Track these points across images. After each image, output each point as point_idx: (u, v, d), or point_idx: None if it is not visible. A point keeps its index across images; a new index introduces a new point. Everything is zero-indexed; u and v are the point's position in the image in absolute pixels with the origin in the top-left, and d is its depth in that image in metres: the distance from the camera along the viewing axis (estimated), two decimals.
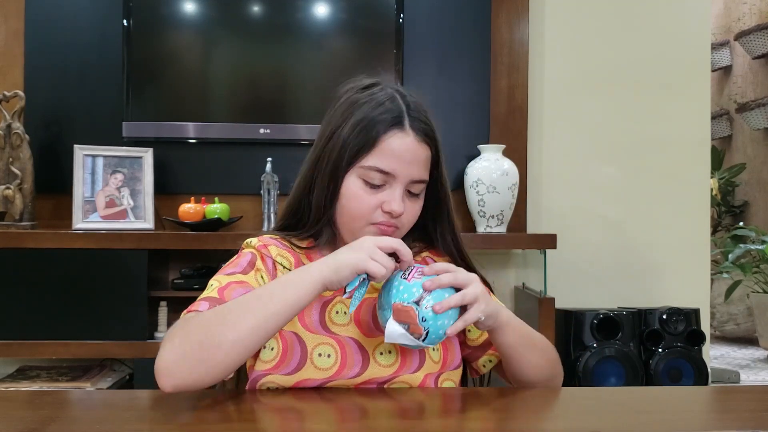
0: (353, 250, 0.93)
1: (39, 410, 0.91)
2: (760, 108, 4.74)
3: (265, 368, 1.01)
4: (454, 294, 0.94)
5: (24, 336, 2.10)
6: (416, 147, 1.03)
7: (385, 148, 1.01)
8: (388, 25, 2.44)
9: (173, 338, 0.89)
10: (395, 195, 1.02)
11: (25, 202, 2.25)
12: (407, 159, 1.02)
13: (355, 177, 1.02)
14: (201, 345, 0.87)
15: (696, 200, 2.63)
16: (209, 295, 0.98)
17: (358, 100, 1.05)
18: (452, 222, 1.11)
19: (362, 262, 0.91)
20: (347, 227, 1.06)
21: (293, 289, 0.91)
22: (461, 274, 0.96)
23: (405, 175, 1.02)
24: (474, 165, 2.38)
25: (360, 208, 1.03)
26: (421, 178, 1.05)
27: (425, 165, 1.05)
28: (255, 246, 1.07)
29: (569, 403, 1.01)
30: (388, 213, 1.02)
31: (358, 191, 1.02)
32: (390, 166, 1.01)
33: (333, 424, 0.88)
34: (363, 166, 1.02)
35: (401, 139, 1.02)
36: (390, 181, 1.02)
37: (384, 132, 1.01)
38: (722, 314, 4.85)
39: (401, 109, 1.03)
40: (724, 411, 0.99)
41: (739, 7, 5.17)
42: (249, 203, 2.46)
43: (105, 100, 2.42)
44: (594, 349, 2.25)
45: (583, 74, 2.62)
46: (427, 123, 1.04)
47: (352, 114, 1.03)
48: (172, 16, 2.44)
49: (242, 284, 1.00)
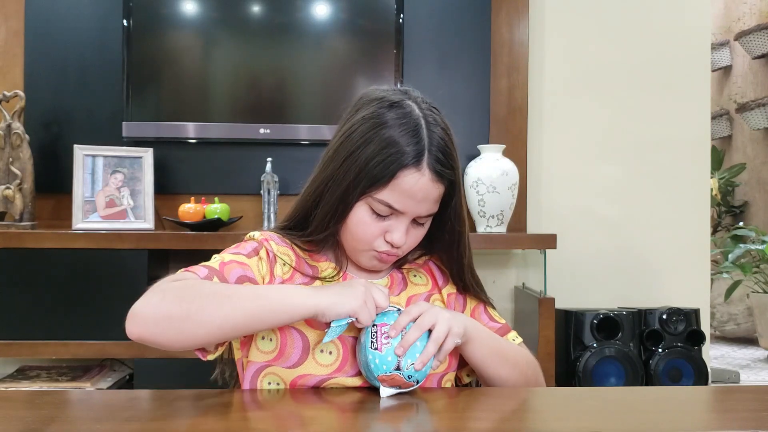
0: (352, 296, 0.95)
1: (39, 410, 0.91)
2: (760, 108, 4.74)
3: (265, 359, 1.02)
4: (426, 342, 0.98)
5: (24, 336, 2.10)
6: (429, 186, 1.00)
7: (397, 186, 0.99)
8: (388, 25, 2.44)
9: (164, 292, 0.90)
10: (400, 227, 1.02)
11: (25, 202, 2.25)
12: (419, 198, 1.00)
13: (364, 204, 1.02)
14: (187, 315, 0.88)
15: (696, 200, 2.63)
16: (210, 265, 1.00)
17: (383, 123, 0.99)
18: (467, 255, 1.11)
19: (359, 310, 0.94)
20: (349, 245, 1.07)
21: (290, 306, 0.93)
22: (424, 319, 0.99)
23: (413, 212, 1.02)
24: (474, 165, 2.38)
25: (364, 234, 1.03)
26: (429, 213, 1.04)
27: (436, 200, 1.04)
28: (258, 239, 1.08)
29: (569, 403, 1.01)
30: (389, 243, 1.04)
31: (365, 218, 1.02)
32: (400, 205, 1.01)
33: (332, 424, 0.88)
34: (374, 197, 1.00)
35: (416, 179, 0.99)
36: (397, 214, 1.02)
37: (400, 169, 0.98)
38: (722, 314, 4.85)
39: (422, 146, 0.99)
40: (724, 411, 0.99)
41: (739, 7, 5.17)
42: (249, 203, 2.46)
43: (105, 100, 2.42)
44: (594, 349, 2.25)
45: (583, 74, 2.62)
46: (446, 160, 1.01)
47: (374, 139, 0.99)
48: (172, 16, 2.44)
49: (243, 266, 1.02)
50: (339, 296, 0.94)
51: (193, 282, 0.94)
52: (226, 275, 0.99)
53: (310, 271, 1.08)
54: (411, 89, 1.06)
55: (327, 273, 1.08)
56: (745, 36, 4.90)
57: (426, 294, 1.12)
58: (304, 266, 1.08)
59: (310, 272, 1.08)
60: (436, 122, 1.02)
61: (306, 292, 0.95)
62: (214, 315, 0.89)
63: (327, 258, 1.11)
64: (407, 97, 1.03)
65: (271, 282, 1.04)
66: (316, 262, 1.10)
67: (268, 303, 0.92)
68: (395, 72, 2.42)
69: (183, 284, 0.92)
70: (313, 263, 1.09)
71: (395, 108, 1.01)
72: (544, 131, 2.61)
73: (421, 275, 1.15)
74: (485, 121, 2.55)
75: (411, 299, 1.11)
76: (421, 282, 1.14)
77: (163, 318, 0.88)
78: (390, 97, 1.03)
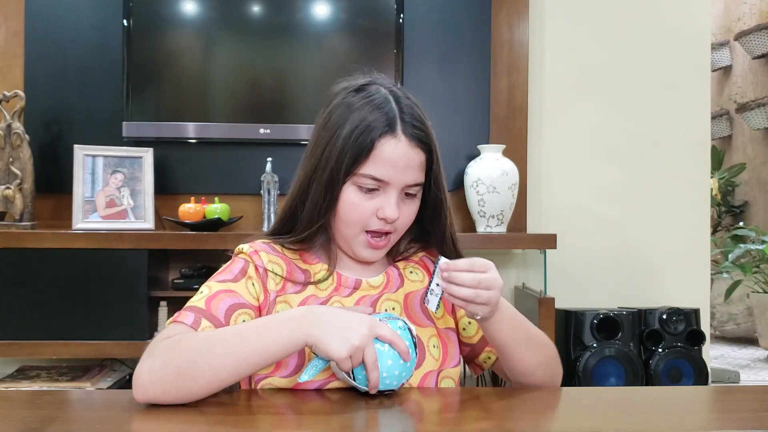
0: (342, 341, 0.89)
1: (39, 410, 0.91)
2: (760, 108, 4.74)
3: (263, 372, 1.02)
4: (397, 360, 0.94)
5: (24, 336, 2.10)
6: (409, 152, 1.02)
7: (378, 156, 1.01)
8: (388, 25, 2.44)
9: (155, 358, 0.90)
10: (390, 201, 1.02)
11: (25, 202, 2.25)
12: (401, 165, 1.02)
13: (351, 185, 1.02)
14: (179, 375, 0.88)
15: (696, 200, 2.63)
16: (196, 305, 0.99)
17: (352, 104, 1.03)
18: (449, 223, 1.10)
19: (340, 361, 0.89)
20: (341, 233, 1.06)
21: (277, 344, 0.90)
22: (484, 280, 0.98)
23: (399, 181, 1.02)
24: (474, 165, 2.38)
25: (355, 215, 1.03)
26: (416, 182, 1.05)
27: (419, 168, 1.04)
28: (247, 252, 1.06)
29: (569, 403, 1.01)
30: (383, 219, 1.03)
31: (354, 198, 1.03)
32: (384, 174, 1.01)
33: (331, 424, 0.88)
34: (358, 174, 1.01)
35: (394, 145, 1.01)
36: (384, 186, 1.02)
37: (377, 139, 1.01)
38: (722, 314, 4.85)
39: (394, 114, 1.02)
40: (724, 411, 0.99)
41: (739, 7, 5.17)
42: (249, 203, 2.46)
43: (105, 100, 2.42)
44: (594, 349, 2.25)
45: (583, 74, 2.62)
46: (420, 126, 1.04)
47: (347, 121, 1.02)
48: (172, 16, 2.44)
49: (231, 293, 1.01)
50: (329, 336, 0.89)
51: (179, 338, 0.93)
52: (214, 311, 0.98)
53: (302, 277, 1.07)
54: (376, 74, 1.10)
55: (320, 276, 1.07)
56: (745, 36, 4.90)
57: (418, 292, 1.12)
58: (295, 273, 1.07)
59: (302, 278, 1.07)
60: (403, 95, 1.06)
61: (293, 324, 0.91)
62: (204, 370, 0.88)
63: (318, 258, 1.10)
64: (372, 81, 1.07)
65: (266, 299, 1.03)
66: (308, 264, 1.09)
67: (255, 344, 0.90)
68: (395, 72, 2.42)
69: (170, 343, 0.92)
70: (305, 266, 1.09)
71: (362, 91, 1.05)
72: (544, 131, 2.61)
73: (417, 271, 1.15)
74: (485, 121, 2.55)
75: (408, 296, 1.10)
76: (417, 278, 1.14)
77: (159, 382, 0.88)
78: (355, 82, 1.07)
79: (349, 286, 1.08)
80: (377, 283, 1.09)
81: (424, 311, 1.10)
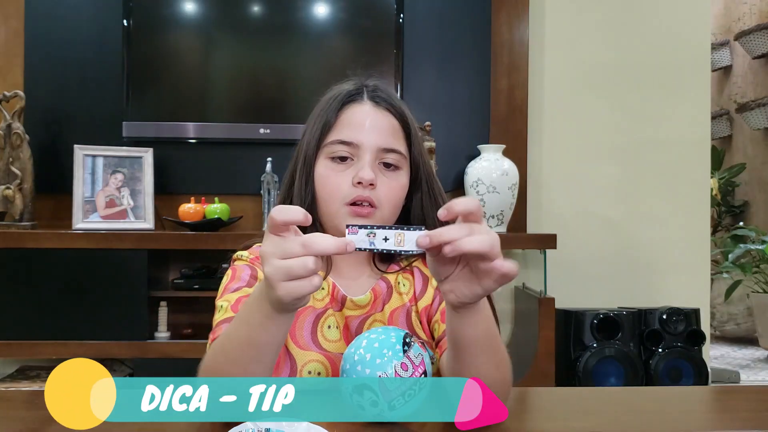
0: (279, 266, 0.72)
1: (39, 410, 0.91)
2: (760, 108, 4.74)
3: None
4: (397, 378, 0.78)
5: (24, 336, 2.10)
6: (375, 113, 1.02)
7: (343, 121, 1.02)
8: (388, 25, 2.44)
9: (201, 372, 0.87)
10: (363, 165, 0.99)
11: (25, 202, 2.25)
12: (366, 126, 1.01)
13: (324, 159, 1.02)
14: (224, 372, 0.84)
15: (696, 200, 2.63)
16: (225, 317, 0.95)
17: (324, 95, 1.06)
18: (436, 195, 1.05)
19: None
20: (325, 214, 1.03)
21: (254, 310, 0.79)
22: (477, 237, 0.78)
23: (369, 143, 1.00)
24: (474, 165, 2.38)
25: (331, 187, 1.00)
26: (390, 146, 1.01)
27: (391, 133, 1.02)
28: (248, 259, 1.04)
29: (569, 403, 1.01)
30: (359, 185, 0.99)
31: (327, 170, 1.01)
32: (350, 135, 1.00)
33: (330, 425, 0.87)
34: (326, 143, 1.02)
35: (358, 108, 1.02)
36: (356, 152, 1.00)
37: (342, 107, 1.02)
38: (722, 314, 4.85)
39: (359, 85, 1.04)
40: (724, 411, 0.99)
41: (739, 7, 5.17)
42: (249, 203, 2.46)
43: (105, 100, 2.42)
44: (594, 349, 2.25)
45: (583, 74, 2.62)
46: (389, 98, 1.04)
47: (320, 105, 1.05)
48: (172, 16, 2.44)
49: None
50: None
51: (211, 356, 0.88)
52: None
53: None
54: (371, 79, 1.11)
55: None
56: (745, 36, 4.90)
57: (403, 308, 1.05)
58: None
59: None
60: (379, 85, 1.06)
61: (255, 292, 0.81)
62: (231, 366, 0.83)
63: None
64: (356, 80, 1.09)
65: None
66: None
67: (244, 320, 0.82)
68: (395, 72, 2.42)
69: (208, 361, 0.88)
70: None
71: (336, 85, 1.08)
72: (544, 131, 2.61)
73: (405, 282, 1.07)
74: (485, 121, 2.54)
75: (393, 313, 1.04)
76: (404, 290, 1.06)
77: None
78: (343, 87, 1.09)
79: (338, 300, 1.03)
80: (363, 302, 1.03)
81: (409, 327, 1.06)
